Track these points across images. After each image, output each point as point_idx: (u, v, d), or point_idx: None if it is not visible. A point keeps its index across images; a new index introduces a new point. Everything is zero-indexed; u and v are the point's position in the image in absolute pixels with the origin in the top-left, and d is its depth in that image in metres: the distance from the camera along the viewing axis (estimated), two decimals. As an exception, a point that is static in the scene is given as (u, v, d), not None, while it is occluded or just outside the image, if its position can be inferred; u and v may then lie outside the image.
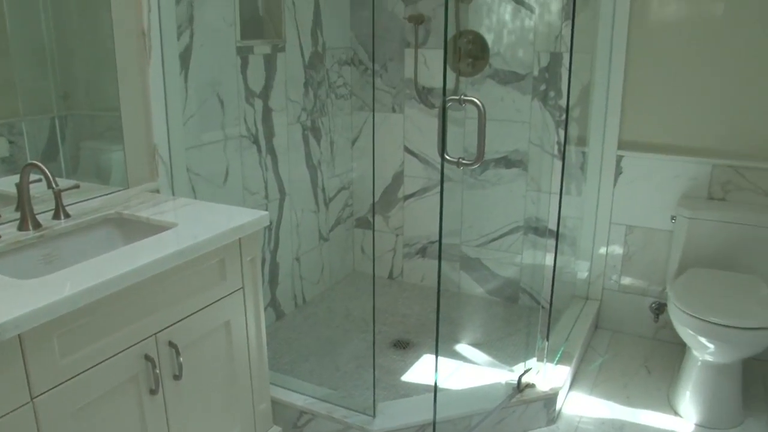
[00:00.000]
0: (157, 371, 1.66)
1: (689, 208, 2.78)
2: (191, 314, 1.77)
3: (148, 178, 2.24)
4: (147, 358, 1.63)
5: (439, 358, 2.82)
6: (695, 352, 2.48)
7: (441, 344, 2.99)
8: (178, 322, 1.72)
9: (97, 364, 1.49)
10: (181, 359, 1.72)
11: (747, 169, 2.78)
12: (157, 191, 2.25)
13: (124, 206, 2.04)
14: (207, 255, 1.78)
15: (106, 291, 1.46)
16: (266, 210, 3.02)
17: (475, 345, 3.06)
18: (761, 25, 2.65)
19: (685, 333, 2.42)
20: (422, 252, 3.69)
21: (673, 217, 2.91)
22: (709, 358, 2.44)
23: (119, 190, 2.12)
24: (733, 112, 2.78)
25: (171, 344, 1.70)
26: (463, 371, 2.83)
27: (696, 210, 2.77)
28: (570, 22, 2.23)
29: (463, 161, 2.05)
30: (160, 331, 1.67)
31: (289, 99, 3.11)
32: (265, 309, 3.07)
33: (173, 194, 2.32)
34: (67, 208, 1.89)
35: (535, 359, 2.53)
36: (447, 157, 2.01)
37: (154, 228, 1.90)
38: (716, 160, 2.83)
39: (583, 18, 2.87)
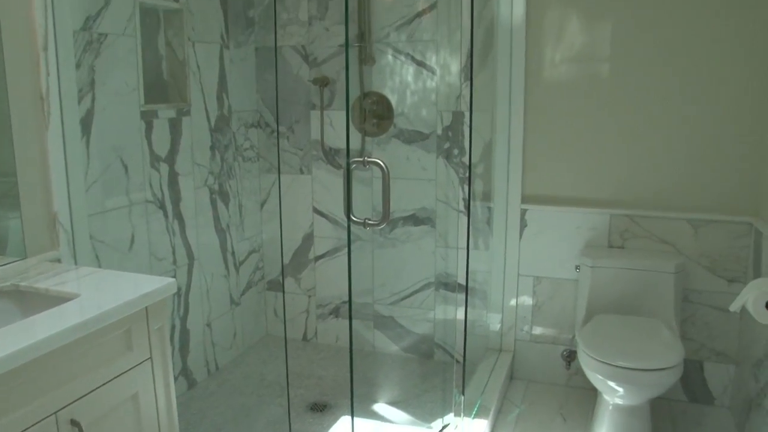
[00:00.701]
0: (59, 452, 1.56)
1: (591, 257, 2.90)
2: (95, 389, 1.67)
3: (48, 247, 2.14)
4: (47, 438, 1.53)
5: (356, 418, 2.78)
6: (606, 396, 2.55)
7: (358, 404, 2.95)
8: (81, 398, 1.63)
9: (-10, 449, 1.39)
10: (85, 438, 1.63)
11: (641, 217, 2.94)
12: (58, 261, 2.15)
13: (21, 278, 1.94)
14: (111, 326, 1.71)
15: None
16: (174, 276, 2.94)
17: (393, 403, 3.04)
18: (642, 83, 2.84)
19: (595, 378, 2.49)
20: (335, 312, 3.66)
21: (577, 267, 3.01)
22: (619, 401, 2.51)
23: (16, 261, 2.01)
24: (625, 165, 2.95)
25: (73, 422, 1.60)
26: (381, 431, 2.80)
27: (597, 259, 2.88)
28: (469, 82, 2.33)
29: (370, 222, 2.07)
30: (61, 409, 1.57)
31: (195, 163, 3.07)
32: (176, 378, 2.97)
33: (75, 263, 2.23)
34: (-43, 283, 1.78)
35: (452, 414, 2.53)
36: (353, 218, 2.02)
37: (54, 300, 1.81)
38: (613, 210, 2.98)
39: (481, 78, 3.00)
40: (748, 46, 2.70)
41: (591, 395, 2.98)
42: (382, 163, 2.08)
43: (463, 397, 2.51)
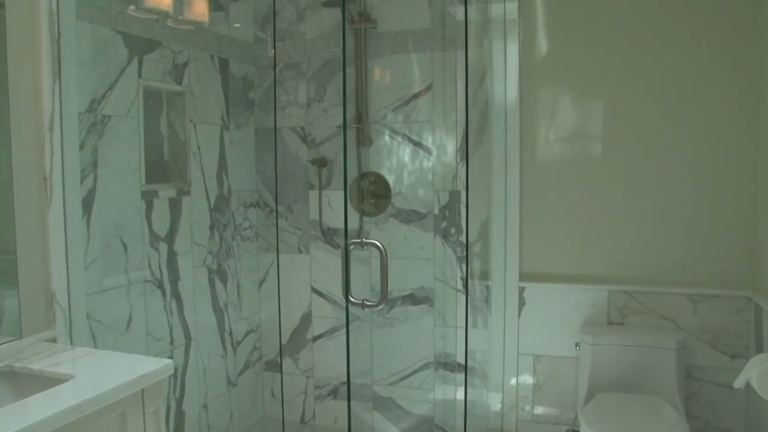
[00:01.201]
0: None
1: (591, 335, 2.87)
2: (88, 474, 1.63)
3: (44, 326, 2.12)
4: None
5: (356, 505, 2.69)
6: (611, 480, 2.48)
7: (357, 490, 2.86)
8: (73, 483, 1.59)
9: None
10: None
11: (640, 293, 2.93)
12: (54, 341, 2.13)
13: (15, 358, 1.91)
14: (106, 408, 1.67)
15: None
16: (171, 356, 2.90)
17: (393, 488, 2.95)
18: (636, 160, 2.90)
19: (600, 460, 2.43)
20: (334, 393, 3.60)
21: (577, 344, 2.99)
22: (625, 484, 2.44)
23: (11, 341, 1.99)
24: (622, 241, 2.97)
25: None
26: None
27: (597, 336, 2.86)
28: (465, 162, 2.37)
29: (368, 303, 2.07)
30: (51, 496, 1.52)
31: (194, 242, 3.08)
32: (169, 464, 2.88)
33: (72, 343, 2.20)
34: (-49, 363, 1.75)
35: (454, 499, 2.46)
36: (352, 299, 2.03)
37: (48, 381, 1.78)
38: (611, 287, 2.97)
39: (477, 158, 3.06)
40: (741, 122, 2.76)
41: (596, 478, 2.90)
42: (379, 245, 2.09)
43: (465, 481, 2.44)
